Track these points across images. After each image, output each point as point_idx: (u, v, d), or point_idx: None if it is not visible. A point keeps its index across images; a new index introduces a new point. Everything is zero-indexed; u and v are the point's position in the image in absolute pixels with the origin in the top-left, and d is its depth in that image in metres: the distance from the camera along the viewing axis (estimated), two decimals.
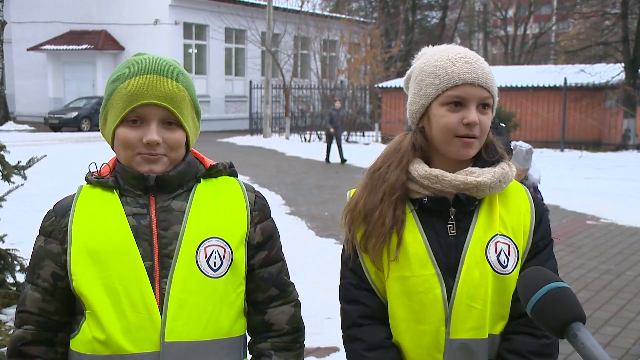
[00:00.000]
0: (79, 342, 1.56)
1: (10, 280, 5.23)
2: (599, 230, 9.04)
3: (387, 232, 1.63)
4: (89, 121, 27.57)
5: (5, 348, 4.36)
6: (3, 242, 5.28)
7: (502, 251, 1.62)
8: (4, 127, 26.90)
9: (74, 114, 27.37)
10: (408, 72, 1.76)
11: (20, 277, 5.27)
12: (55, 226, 1.60)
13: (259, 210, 1.69)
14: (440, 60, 1.64)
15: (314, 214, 9.44)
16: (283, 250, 1.77)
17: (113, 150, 1.63)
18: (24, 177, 5.16)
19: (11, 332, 4.62)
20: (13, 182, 5.11)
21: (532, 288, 1.19)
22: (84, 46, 30.71)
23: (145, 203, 1.59)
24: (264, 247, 1.68)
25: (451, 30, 44.94)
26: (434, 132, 1.65)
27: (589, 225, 9.44)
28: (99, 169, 1.66)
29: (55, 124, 27.15)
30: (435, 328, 1.62)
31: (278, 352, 1.68)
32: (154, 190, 1.59)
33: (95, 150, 18.83)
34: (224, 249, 1.59)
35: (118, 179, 1.61)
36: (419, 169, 1.65)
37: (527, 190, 1.75)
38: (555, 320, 1.14)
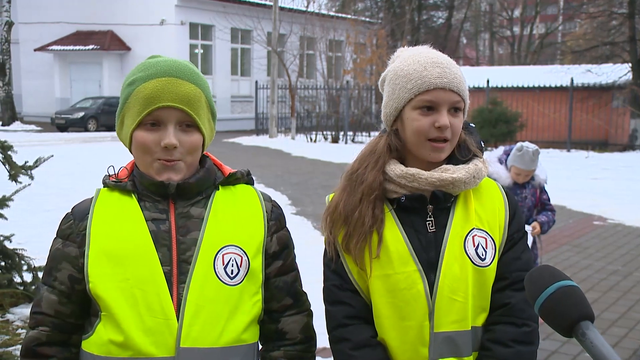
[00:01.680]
0: (92, 344, 1.56)
1: (17, 279, 5.25)
2: (606, 231, 9.01)
3: (367, 232, 1.68)
4: (95, 121, 27.64)
5: (13, 347, 4.38)
6: (10, 241, 5.30)
7: (479, 244, 1.68)
8: (11, 127, 27.02)
9: (81, 114, 27.43)
10: (383, 75, 1.81)
11: (28, 277, 5.29)
12: (74, 229, 1.61)
13: (276, 220, 1.70)
14: (413, 65, 1.68)
15: (319, 215, 9.36)
16: None
17: (131, 153, 1.63)
18: (31, 177, 5.18)
19: (19, 331, 4.65)
20: (20, 182, 5.13)
21: (540, 286, 1.19)
22: (91, 46, 30.80)
23: (165, 209, 1.59)
24: (279, 256, 1.69)
25: (457, 30, 44.89)
26: (407, 134, 1.70)
27: (596, 225, 9.41)
28: (116, 172, 1.66)
29: (62, 124, 27.23)
30: (419, 323, 1.66)
31: None
32: (173, 197, 1.59)
33: (101, 151, 18.89)
34: (241, 257, 1.60)
35: (136, 184, 1.62)
36: (396, 169, 1.70)
37: (500, 186, 1.81)
38: (563, 319, 1.14)
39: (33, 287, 5.23)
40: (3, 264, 5.18)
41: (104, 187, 1.66)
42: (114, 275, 1.53)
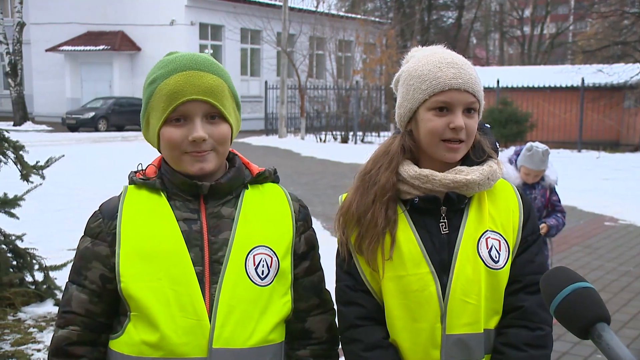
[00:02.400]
0: (122, 344, 1.55)
1: (29, 279, 5.28)
2: (617, 232, 8.95)
3: (380, 233, 1.67)
4: (105, 121, 27.79)
5: (25, 346, 4.41)
6: (22, 241, 5.33)
7: (493, 247, 1.66)
8: (23, 127, 27.19)
9: (91, 114, 27.59)
10: (397, 75, 1.79)
11: (39, 276, 5.32)
12: (103, 228, 1.58)
13: (303, 220, 1.71)
14: (428, 65, 1.67)
15: (329, 215, 9.39)
16: None
17: (159, 152, 1.62)
18: (42, 177, 5.21)
19: (30, 330, 4.67)
20: (32, 182, 5.16)
21: (556, 288, 1.17)
22: (101, 47, 30.96)
23: (196, 208, 1.58)
24: (307, 256, 1.70)
25: (467, 30, 44.73)
26: (422, 135, 1.68)
27: (607, 226, 9.35)
28: (144, 169, 1.65)
29: (73, 124, 27.38)
30: (431, 325, 1.65)
31: (317, 359, 1.70)
32: (205, 196, 1.59)
33: (112, 151, 18.97)
34: (271, 258, 1.59)
35: (165, 182, 1.60)
36: (409, 170, 1.69)
37: (515, 187, 1.79)
38: (579, 321, 1.13)
39: (44, 287, 5.25)
40: (15, 263, 5.21)
41: (130, 184, 1.64)
42: (146, 275, 1.52)
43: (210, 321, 1.51)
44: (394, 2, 35.89)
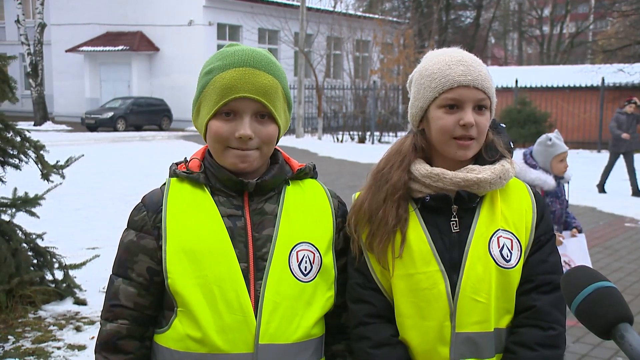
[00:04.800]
0: (169, 339, 1.57)
1: (49, 277, 5.33)
2: (637, 233, 8.84)
3: (390, 231, 1.68)
4: (124, 121, 28.00)
5: (45, 344, 4.45)
6: (42, 239, 5.39)
7: (504, 246, 1.66)
8: (43, 127, 27.49)
9: (110, 114, 27.81)
10: (410, 76, 1.81)
11: (59, 275, 5.37)
12: (147, 221, 1.60)
13: (342, 217, 1.74)
14: (437, 64, 1.69)
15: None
16: None
17: (205, 141, 1.63)
18: (63, 177, 5.26)
19: (50, 328, 4.71)
20: (52, 181, 5.22)
21: (577, 287, 1.16)
22: (120, 47, 31.21)
23: (240, 205, 1.60)
24: (345, 253, 1.73)
25: (485, 30, 44.46)
26: (433, 133, 1.70)
27: (628, 227, 9.25)
28: (188, 162, 1.66)
29: (92, 124, 27.62)
30: (440, 323, 1.66)
31: (352, 353, 1.72)
32: (250, 193, 1.60)
33: (130, 150, 19.09)
34: (314, 254, 1.62)
35: (208, 176, 1.61)
36: (421, 168, 1.70)
37: (528, 186, 1.79)
38: (601, 321, 1.11)
39: (64, 285, 5.31)
40: (35, 261, 5.27)
41: (172, 176, 1.65)
42: (192, 272, 1.54)
43: (255, 317, 1.53)
44: (411, 2, 35.75)
